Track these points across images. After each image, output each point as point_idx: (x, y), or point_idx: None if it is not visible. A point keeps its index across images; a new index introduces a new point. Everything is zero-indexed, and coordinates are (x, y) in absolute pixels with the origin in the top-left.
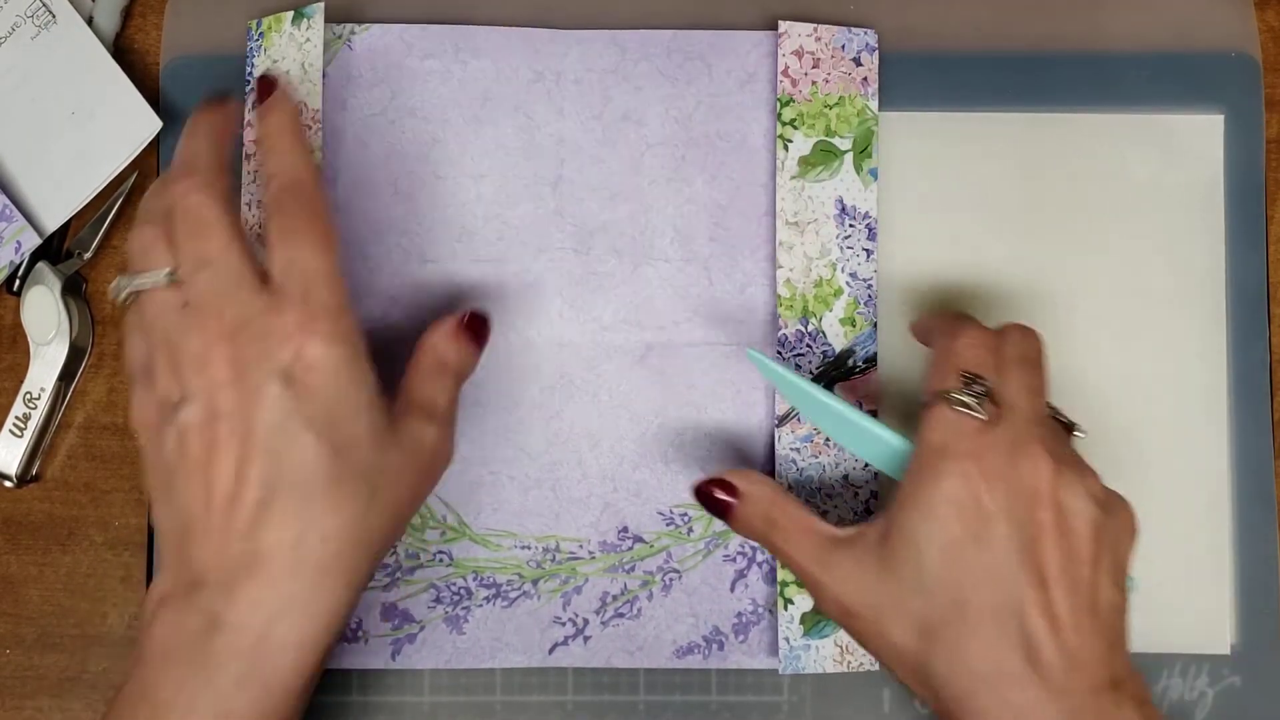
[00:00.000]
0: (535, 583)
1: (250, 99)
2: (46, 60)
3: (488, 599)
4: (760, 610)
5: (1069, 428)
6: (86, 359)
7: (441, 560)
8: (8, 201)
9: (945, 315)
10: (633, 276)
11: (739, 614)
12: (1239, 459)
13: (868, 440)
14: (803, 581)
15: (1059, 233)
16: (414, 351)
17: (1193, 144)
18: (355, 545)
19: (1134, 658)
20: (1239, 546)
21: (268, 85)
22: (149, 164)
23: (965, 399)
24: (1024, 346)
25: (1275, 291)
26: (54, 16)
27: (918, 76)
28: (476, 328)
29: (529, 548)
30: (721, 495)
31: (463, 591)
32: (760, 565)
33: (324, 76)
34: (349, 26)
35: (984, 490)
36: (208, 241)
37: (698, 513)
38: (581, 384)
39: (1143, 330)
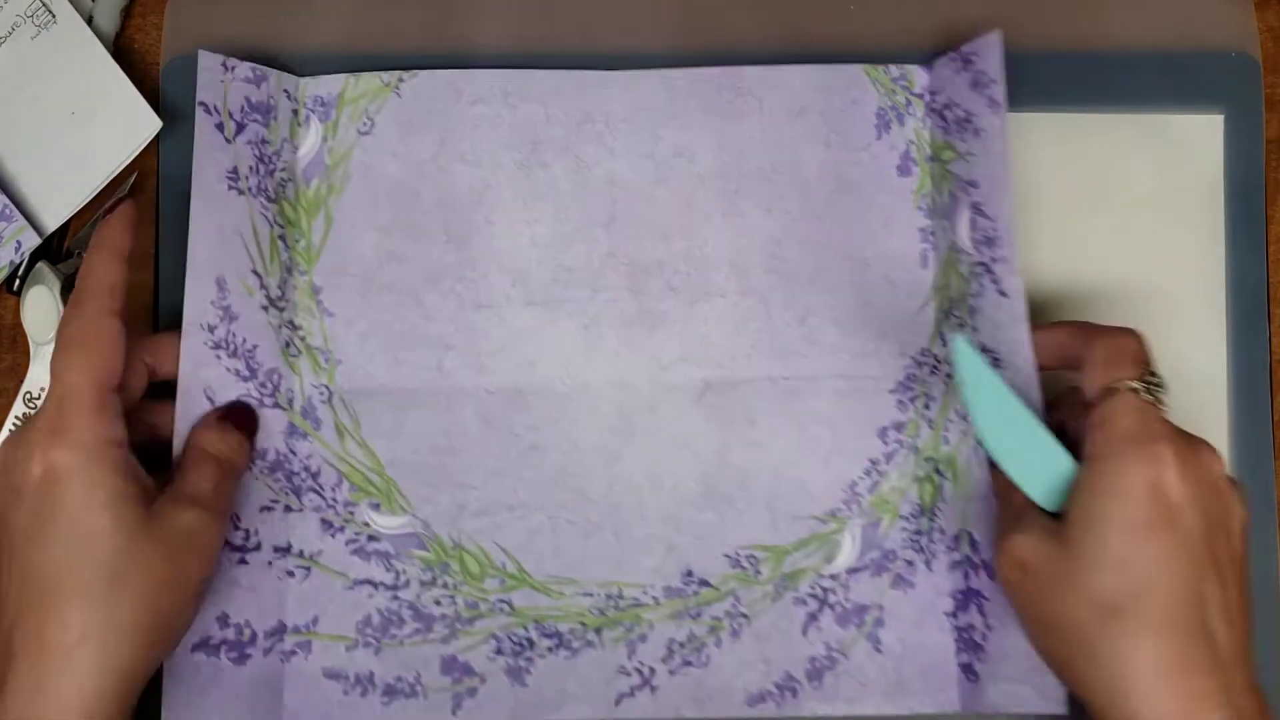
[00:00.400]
0: (599, 631)
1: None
2: (46, 60)
3: (550, 648)
4: (835, 654)
5: None
6: None
7: (502, 609)
8: (8, 201)
9: (1072, 322)
10: (689, 313)
11: (812, 659)
12: (1239, 459)
13: (1037, 457)
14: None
15: (1059, 233)
16: (190, 454)
17: (1193, 144)
18: (102, 628)
19: None
20: None
21: (118, 203)
22: (149, 164)
23: (1153, 388)
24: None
25: (1275, 291)
26: (54, 16)
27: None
28: (239, 418)
29: (591, 594)
30: None
31: (524, 641)
32: (833, 607)
33: (371, 125)
34: (397, 74)
35: (1175, 477)
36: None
37: (765, 553)
38: (640, 424)
39: (1142, 330)
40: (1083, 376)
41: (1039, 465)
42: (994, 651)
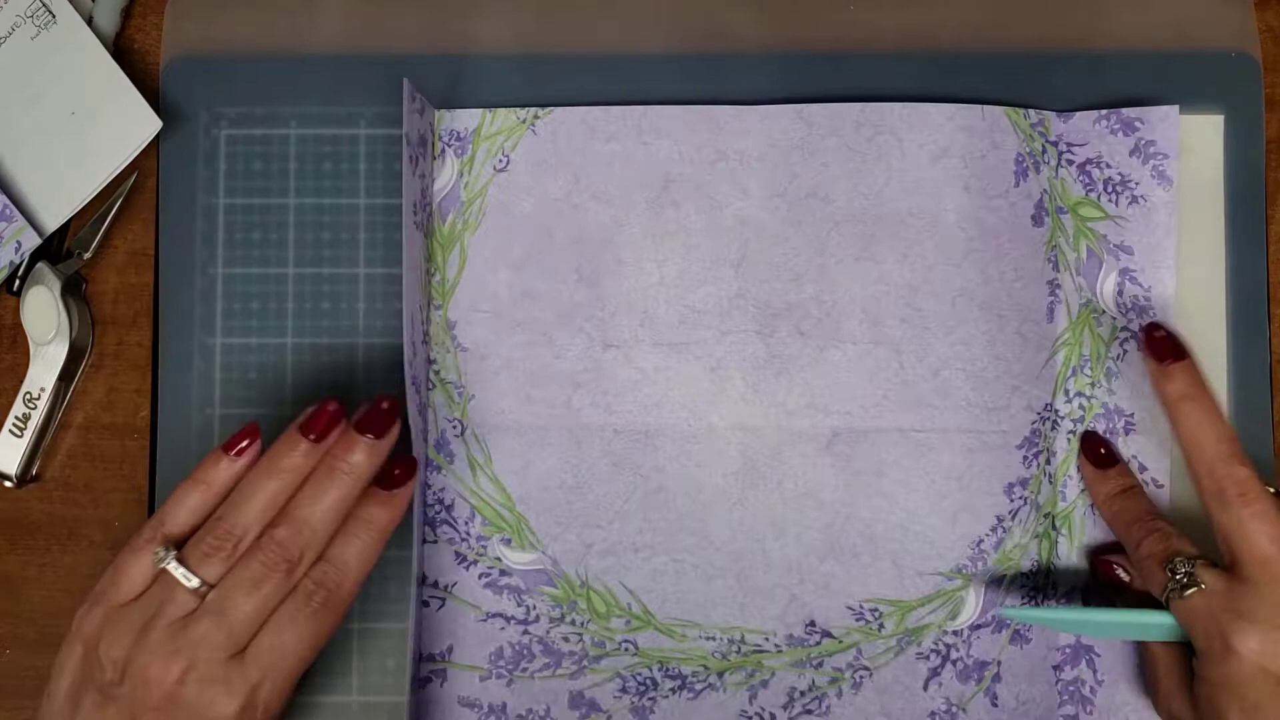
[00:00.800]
0: (721, 675)
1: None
2: (46, 60)
3: (673, 690)
4: (954, 710)
5: None
6: (86, 359)
7: (627, 649)
8: (8, 201)
9: (1193, 415)
10: (818, 359)
11: (932, 714)
12: None
13: (1135, 629)
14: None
15: None
16: None
17: (1193, 144)
18: None
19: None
20: None
21: (407, 472)
22: (149, 164)
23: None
24: None
25: (1275, 292)
26: (54, 16)
27: (917, 76)
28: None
29: (714, 639)
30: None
31: (648, 681)
32: (954, 663)
33: (508, 162)
34: (532, 111)
35: None
36: (247, 600)
37: (889, 608)
38: (765, 470)
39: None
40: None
41: (1142, 630)
42: (1102, 705)
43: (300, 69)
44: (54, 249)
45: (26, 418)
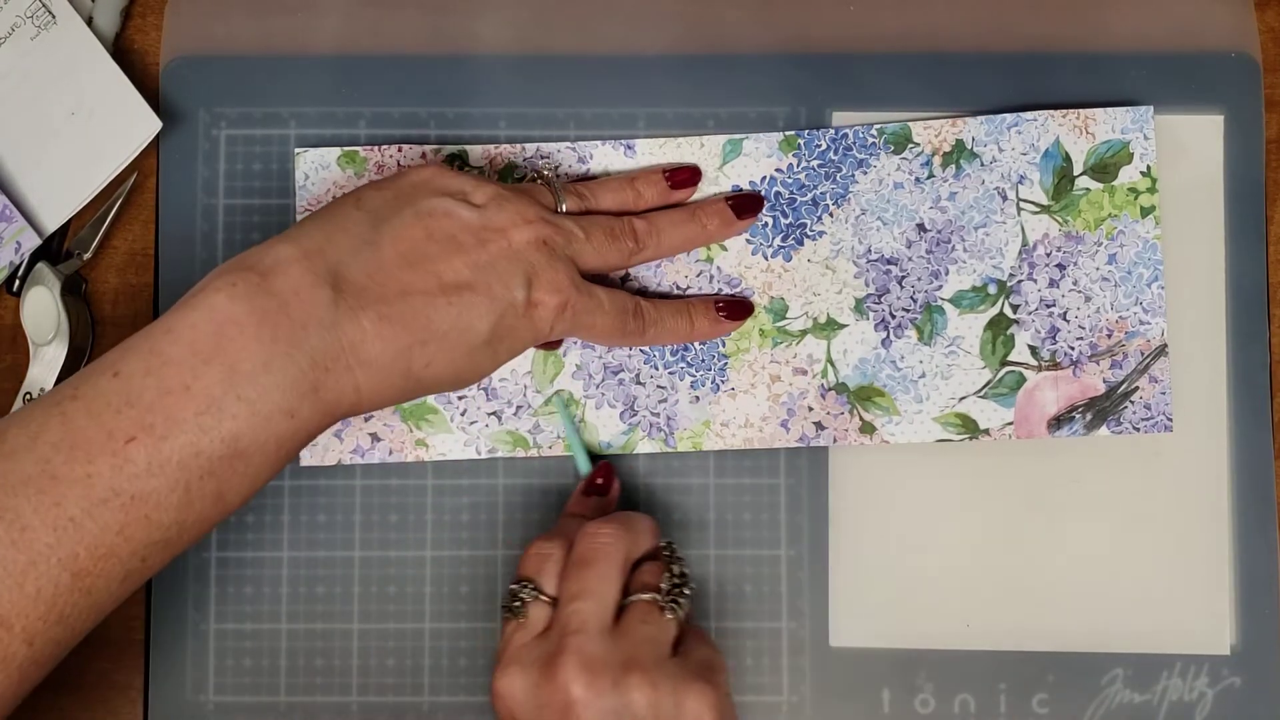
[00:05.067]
0: None
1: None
2: (46, 60)
3: None
4: None
5: None
6: (86, 359)
7: None
8: (8, 201)
9: None
10: None
11: None
12: (1239, 459)
13: None
14: None
15: None
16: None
17: (1193, 144)
18: (425, 388)
19: (1134, 658)
20: (1239, 546)
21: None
22: (149, 164)
23: None
24: None
25: (1275, 292)
26: (54, 17)
27: (917, 76)
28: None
29: None
30: None
31: None
32: None
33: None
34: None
35: None
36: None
37: None
38: None
39: None
40: None
41: None
42: None
43: (300, 69)
44: (54, 249)
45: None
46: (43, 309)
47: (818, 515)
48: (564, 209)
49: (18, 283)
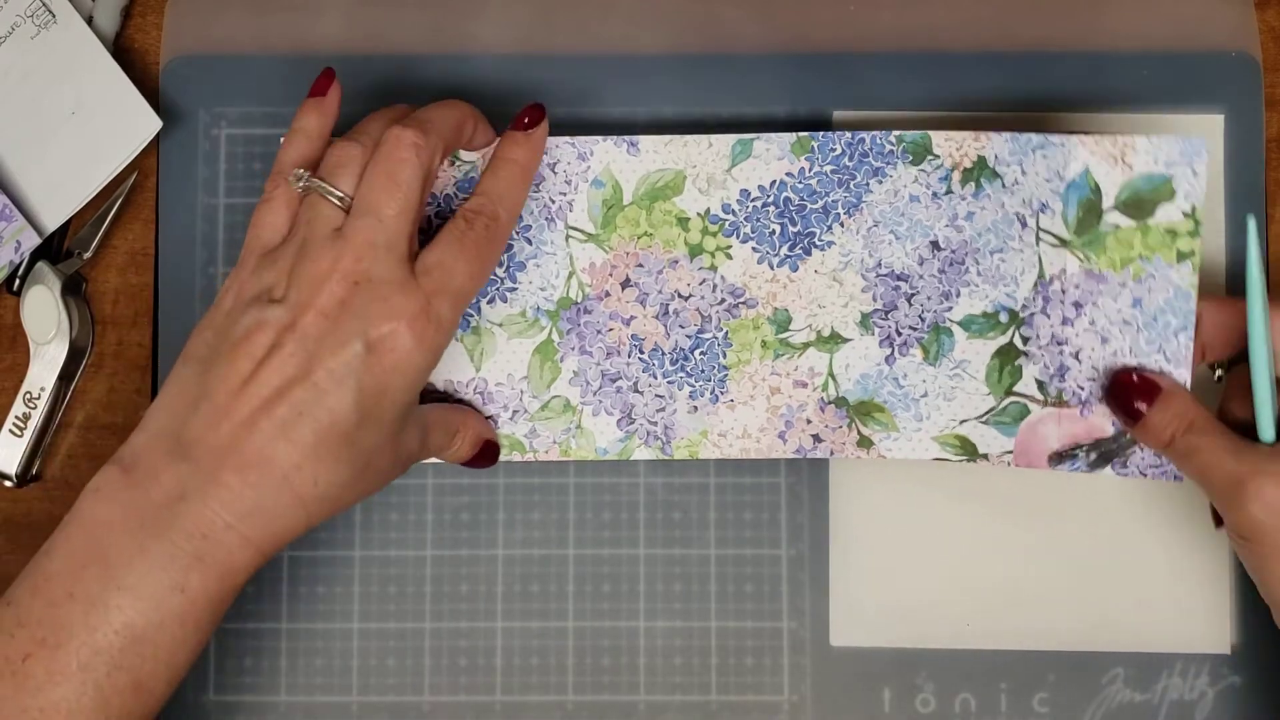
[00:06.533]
0: None
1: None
2: (46, 60)
3: None
4: None
5: None
6: (86, 358)
7: None
8: (8, 201)
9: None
10: None
11: None
12: None
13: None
14: (1220, 489)
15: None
16: (455, 416)
17: None
18: (330, 501)
19: (1134, 657)
20: None
21: (537, 114)
22: (149, 164)
23: None
24: None
25: (1275, 291)
26: (54, 16)
27: (917, 76)
28: (486, 454)
29: None
30: (1139, 394)
31: None
32: None
33: None
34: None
35: None
36: (390, 197)
37: None
38: None
39: None
40: None
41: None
42: None
43: (300, 69)
44: (54, 249)
45: (26, 417)
46: (43, 308)
47: (818, 515)
48: (341, 196)
49: (18, 282)
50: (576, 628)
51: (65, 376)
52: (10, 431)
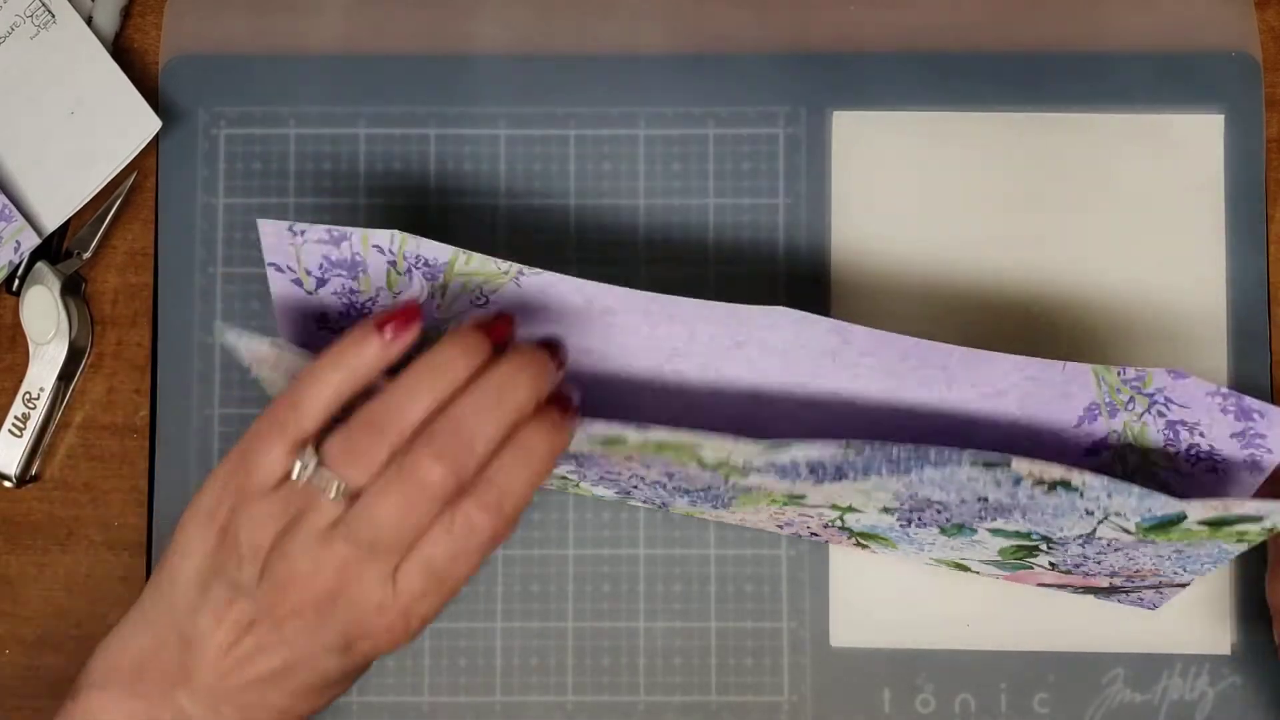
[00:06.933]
0: None
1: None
2: (46, 60)
3: None
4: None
5: None
6: (86, 359)
7: None
8: (7, 201)
9: None
10: None
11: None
12: None
13: None
14: None
15: (1059, 233)
16: None
17: (1193, 144)
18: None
19: (1135, 658)
20: None
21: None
22: (148, 163)
23: None
24: None
25: (1275, 292)
26: (54, 16)
27: (917, 76)
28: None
29: None
30: None
31: None
32: None
33: (486, 300)
34: (516, 266)
35: None
36: (398, 537)
37: None
38: None
39: (1143, 330)
40: None
41: None
42: None
43: (300, 69)
44: (54, 249)
45: (26, 417)
46: (42, 308)
47: None
48: (341, 492)
49: (17, 282)
50: (576, 628)
51: (65, 376)
52: (9, 431)
